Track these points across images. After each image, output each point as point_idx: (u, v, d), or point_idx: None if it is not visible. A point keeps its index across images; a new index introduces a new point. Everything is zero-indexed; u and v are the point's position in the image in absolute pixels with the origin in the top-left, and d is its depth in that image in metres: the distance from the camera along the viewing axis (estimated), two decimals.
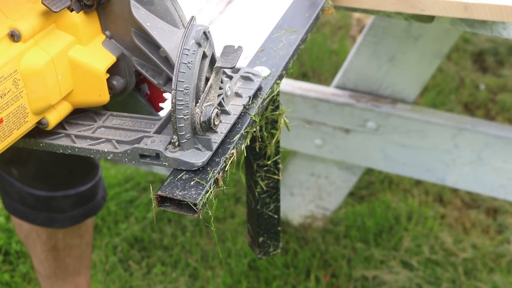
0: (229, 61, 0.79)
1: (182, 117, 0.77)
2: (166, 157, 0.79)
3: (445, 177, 1.74)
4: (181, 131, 0.78)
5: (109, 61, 0.86)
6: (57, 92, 0.82)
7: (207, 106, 0.79)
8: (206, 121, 0.78)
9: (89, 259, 1.62)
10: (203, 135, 0.79)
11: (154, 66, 0.88)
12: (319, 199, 2.01)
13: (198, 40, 0.77)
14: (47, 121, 0.84)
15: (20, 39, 0.78)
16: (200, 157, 0.78)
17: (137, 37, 0.86)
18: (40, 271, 1.58)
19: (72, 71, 0.83)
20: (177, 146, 0.79)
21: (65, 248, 1.52)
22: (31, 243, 1.53)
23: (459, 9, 1.16)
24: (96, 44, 0.86)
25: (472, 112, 2.55)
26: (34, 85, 0.79)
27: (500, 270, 1.95)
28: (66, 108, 0.87)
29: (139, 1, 0.84)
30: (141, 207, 2.16)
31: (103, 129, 0.88)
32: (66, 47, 0.82)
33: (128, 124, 0.88)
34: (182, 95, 0.76)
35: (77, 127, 0.89)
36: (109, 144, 0.84)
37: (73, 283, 1.60)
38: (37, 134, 0.87)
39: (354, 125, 1.76)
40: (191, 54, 0.76)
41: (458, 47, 2.92)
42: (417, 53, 1.70)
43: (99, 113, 0.91)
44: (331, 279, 1.93)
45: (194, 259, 2.00)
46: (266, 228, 1.07)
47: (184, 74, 0.76)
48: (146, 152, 0.80)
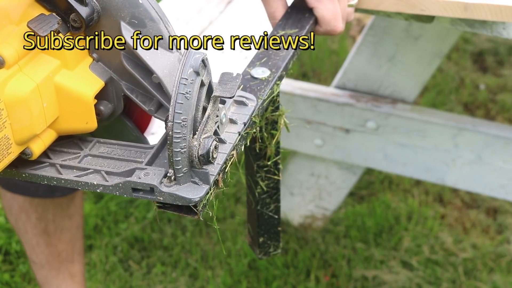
0: (228, 90, 0.75)
1: (179, 151, 0.72)
2: (161, 191, 0.74)
3: (445, 177, 1.74)
4: (177, 165, 0.73)
5: (97, 86, 0.81)
6: (42, 120, 0.77)
7: (205, 138, 0.74)
8: (205, 154, 0.74)
9: (81, 244, 1.63)
10: (200, 169, 0.75)
11: (145, 91, 0.83)
12: (319, 199, 2.00)
13: (196, 69, 0.72)
14: (31, 151, 0.79)
15: (3, 66, 0.72)
16: (198, 192, 0.74)
17: (127, 61, 0.81)
18: (33, 259, 1.59)
19: (58, 98, 0.78)
20: (173, 180, 0.74)
21: (56, 232, 1.53)
22: (21, 227, 1.54)
23: (459, 9, 1.16)
24: (83, 68, 0.80)
25: (472, 112, 2.55)
26: (18, 114, 0.74)
27: (500, 270, 1.95)
28: (51, 136, 0.81)
29: (130, 23, 0.79)
30: (141, 207, 2.16)
31: (90, 157, 0.83)
32: (52, 72, 0.76)
33: (117, 153, 0.83)
34: (179, 127, 0.72)
35: (61, 156, 0.83)
36: (98, 176, 0.79)
37: (67, 272, 1.61)
38: (19, 164, 0.81)
39: (354, 125, 1.76)
40: (189, 83, 0.72)
41: (458, 47, 2.92)
42: (417, 53, 1.70)
43: (85, 140, 0.85)
44: (331, 279, 1.93)
45: (194, 259, 2.00)
46: (266, 229, 1.07)
47: (182, 105, 0.71)
48: (140, 186, 0.75)
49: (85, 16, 0.77)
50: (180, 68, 0.72)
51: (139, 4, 0.78)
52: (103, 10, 0.78)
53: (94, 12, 0.78)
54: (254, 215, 1.06)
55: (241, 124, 0.84)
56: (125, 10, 0.78)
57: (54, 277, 1.61)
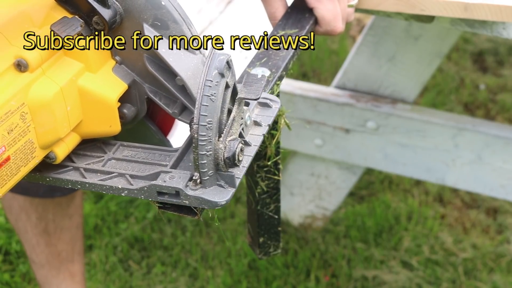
0: (253, 91, 0.74)
1: (205, 153, 0.71)
2: (187, 195, 0.73)
3: (445, 177, 1.74)
4: (203, 168, 0.72)
5: (120, 89, 0.80)
6: (66, 124, 0.76)
7: (231, 141, 0.73)
8: (231, 157, 0.73)
9: (81, 244, 1.63)
10: (226, 171, 0.74)
11: (168, 94, 0.82)
12: (319, 199, 2.00)
13: (221, 70, 0.71)
14: (55, 155, 0.78)
15: (27, 69, 0.72)
16: (224, 195, 0.73)
17: (151, 63, 0.80)
18: (33, 258, 1.59)
19: (81, 101, 0.77)
20: (199, 183, 0.74)
21: (56, 231, 1.53)
22: (21, 227, 1.54)
23: (459, 9, 1.16)
24: (106, 70, 0.80)
25: (472, 112, 2.55)
26: (42, 118, 0.73)
27: (500, 270, 1.95)
28: (74, 139, 0.81)
29: (152, 25, 0.78)
30: (141, 207, 2.16)
31: (113, 161, 0.82)
32: (75, 75, 0.76)
33: (140, 156, 0.82)
34: (205, 130, 0.71)
35: (85, 159, 0.82)
36: (123, 179, 0.78)
37: (67, 272, 1.61)
38: (43, 168, 0.81)
39: (354, 125, 1.76)
40: (214, 85, 0.71)
41: (458, 47, 2.92)
42: (417, 53, 1.70)
43: (108, 143, 0.85)
44: (331, 279, 1.93)
45: (194, 259, 2.00)
46: (266, 229, 1.07)
47: (207, 107, 0.70)
48: (165, 189, 0.74)
49: (107, 18, 0.76)
50: (205, 70, 0.71)
51: (162, 6, 0.77)
52: (126, 12, 0.78)
53: (117, 15, 0.77)
54: (254, 215, 1.06)
55: (265, 126, 0.83)
56: (147, 12, 0.77)
57: (54, 277, 1.61)
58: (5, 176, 0.71)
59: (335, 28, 1.08)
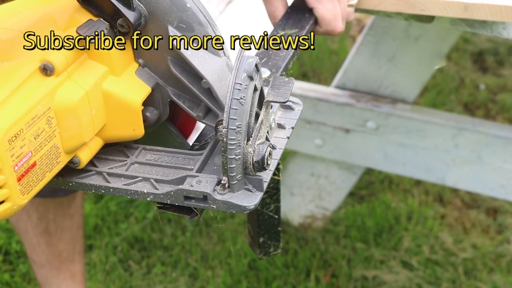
0: (281, 94, 0.74)
1: (234, 157, 0.71)
2: (215, 199, 0.73)
3: (445, 177, 1.74)
4: (232, 172, 0.71)
5: (144, 93, 0.79)
6: (91, 128, 0.76)
7: (260, 145, 0.72)
8: (260, 161, 0.72)
9: (81, 244, 1.63)
10: (254, 175, 0.73)
11: (192, 97, 0.82)
12: (319, 199, 2.01)
13: (250, 73, 0.70)
14: (78, 159, 0.77)
15: (53, 73, 0.71)
16: (252, 200, 0.73)
17: (175, 66, 0.79)
18: (33, 258, 1.59)
19: (105, 105, 0.77)
20: (227, 187, 0.73)
21: (57, 231, 1.53)
22: (22, 227, 1.54)
23: (459, 9, 1.16)
24: (130, 73, 0.79)
25: (472, 112, 2.55)
26: (67, 123, 0.72)
27: (500, 270, 1.95)
28: (98, 143, 0.80)
29: (177, 28, 0.77)
30: (141, 207, 2.16)
31: (137, 165, 0.81)
32: (100, 78, 0.75)
33: (164, 160, 0.80)
34: (234, 133, 0.70)
35: (108, 163, 0.81)
36: (147, 184, 0.77)
37: (68, 272, 1.61)
38: (65, 173, 0.80)
39: (354, 125, 1.76)
40: (243, 88, 0.70)
41: (458, 47, 2.92)
42: (417, 53, 1.70)
43: (130, 147, 0.83)
44: (331, 279, 1.93)
45: (194, 259, 2.00)
46: (266, 229, 1.07)
47: (236, 111, 0.69)
48: (192, 194, 0.73)
49: (133, 20, 0.75)
50: (234, 73, 0.70)
51: (187, 8, 0.76)
52: (150, 14, 0.77)
53: (142, 17, 0.76)
54: (254, 215, 1.06)
55: (289, 129, 0.82)
56: (172, 14, 0.76)
57: (54, 277, 1.61)
58: (31, 182, 0.71)
59: (335, 28, 1.08)
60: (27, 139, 0.68)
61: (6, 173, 0.67)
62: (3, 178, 0.67)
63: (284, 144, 0.80)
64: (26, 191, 0.71)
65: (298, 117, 0.84)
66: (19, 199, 0.70)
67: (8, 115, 0.66)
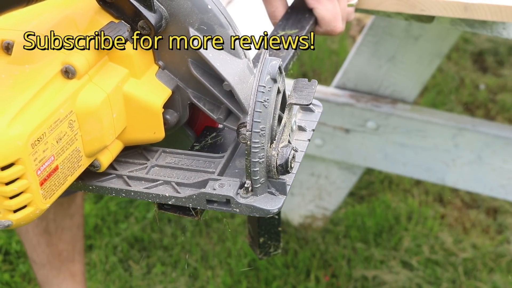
0: (304, 97, 0.73)
1: (258, 161, 0.70)
2: (238, 203, 0.72)
3: (445, 177, 1.74)
4: (255, 176, 0.71)
5: (165, 95, 0.78)
6: (112, 131, 0.75)
7: (283, 148, 0.72)
8: (283, 164, 0.71)
9: (82, 244, 1.63)
10: (278, 179, 0.73)
11: (213, 99, 0.81)
12: (319, 199, 2.01)
13: (273, 76, 0.70)
14: (99, 163, 0.77)
15: (74, 76, 0.70)
16: (275, 203, 0.72)
17: (196, 68, 0.78)
18: (34, 258, 1.59)
19: (126, 107, 0.76)
20: (250, 191, 0.72)
21: (57, 231, 1.53)
22: (22, 226, 1.54)
23: (459, 9, 1.16)
24: (150, 76, 0.78)
25: (472, 112, 2.55)
26: (89, 126, 0.72)
27: (500, 270, 1.95)
28: (118, 147, 0.79)
29: (198, 29, 0.76)
30: (141, 207, 2.16)
31: (157, 168, 0.80)
32: (121, 81, 0.74)
33: (184, 163, 0.80)
34: (258, 136, 0.69)
35: (127, 166, 0.80)
36: (169, 187, 0.76)
37: (68, 272, 1.61)
38: (85, 176, 0.79)
39: (354, 125, 1.76)
40: (266, 91, 0.69)
41: (458, 47, 2.92)
42: (417, 53, 1.70)
43: (150, 150, 0.83)
44: (331, 279, 1.93)
45: (194, 259, 2.00)
46: (266, 229, 1.07)
47: (260, 113, 0.69)
48: (215, 197, 0.73)
49: (154, 22, 0.74)
50: (257, 75, 0.70)
51: (208, 10, 0.76)
52: (171, 16, 0.76)
53: (162, 19, 0.76)
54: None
55: (310, 131, 0.82)
56: (193, 16, 0.76)
57: (54, 277, 1.61)
58: (53, 186, 0.70)
59: (335, 28, 1.08)
60: (49, 143, 0.68)
61: (29, 177, 0.66)
62: (26, 182, 0.66)
63: (305, 147, 0.79)
64: (48, 195, 0.70)
65: (318, 119, 0.84)
66: (41, 204, 0.69)
67: (31, 119, 0.66)
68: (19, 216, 0.68)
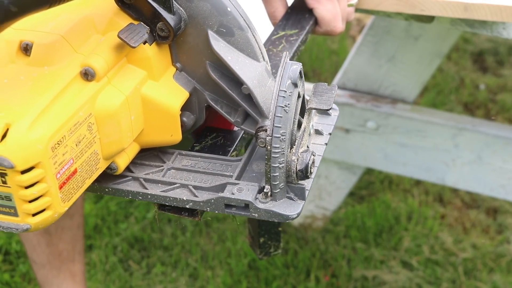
0: (324, 101, 0.73)
1: (278, 166, 0.69)
2: (257, 208, 0.71)
3: (445, 177, 1.74)
4: (275, 181, 0.70)
5: (183, 97, 0.78)
6: (130, 134, 0.74)
7: (303, 153, 0.71)
8: (303, 169, 0.70)
9: (82, 244, 1.63)
10: (297, 184, 0.72)
11: (230, 102, 0.80)
12: (319, 199, 2.01)
13: (294, 80, 0.69)
14: (116, 165, 0.76)
15: (94, 78, 0.69)
16: (294, 208, 0.71)
17: (214, 70, 0.77)
18: (34, 258, 1.59)
19: (144, 110, 0.75)
20: (269, 196, 0.72)
21: (57, 231, 1.53)
22: None
23: (459, 9, 1.16)
24: (168, 78, 0.77)
25: (472, 112, 2.55)
26: (108, 129, 0.71)
27: (500, 270, 1.95)
28: (135, 149, 0.78)
29: (218, 32, 0.75)
30: (141, 207, 2.16)
31: (173, 171, 0.79)
32: (139, 83, 0.74)
33: (201, 166, 0.79)
34: (278, 141, 0.68)
35: (143, 169, 0.79)
36: (186, 190, 0.75)
37: (68, 272, 1.61)
38: (101, 178, 0.78)
39: (354, 125, 1.76)
40: (287, 96, 0.68)
41: (458, 47, 2.92)
42: (417, 53, 1.70)
43: (166, 152, 0.82)
44: (331, 279, 1.93)
45: (194, 259, 2.00)
46: (267, 229, 1.08)
47: (281, 118, 0.68)
48: (234, 202, 0.72)
49: (173, 24, 0.74)
50: (278, 80, 0.69)
51: (228, 12, 0.75)
52: (190, 18, 0.75)
53: (182, 21, 0.75)
54: None
55: (327, 135, 0.81)
56: (213, 19, 0.75)
57: (54, 277, 1.61)
58: (71, 190, 0.70)
59: (335, 28, 1.08)
60: (69, 146, 0.67)
61: (49, 181, 0.66)
62: (45, 186, 0.66)
63: (322, 151, 0.79)
64: (67, 199, 0.69)
65: (335, 123, 0.83)
66: (60, 207, 0.69)
67: (51, 122, 0.65)
68: (37, 219, 0.67)
